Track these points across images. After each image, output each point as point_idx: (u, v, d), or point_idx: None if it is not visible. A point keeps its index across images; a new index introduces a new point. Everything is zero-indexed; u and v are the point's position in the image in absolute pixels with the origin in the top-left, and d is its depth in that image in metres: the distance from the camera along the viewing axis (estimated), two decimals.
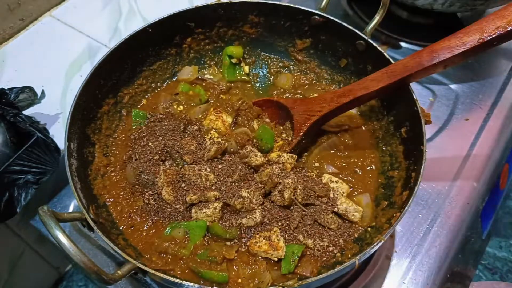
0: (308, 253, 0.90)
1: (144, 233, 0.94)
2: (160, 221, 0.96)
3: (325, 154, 1.08)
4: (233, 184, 0.96)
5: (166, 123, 1.06)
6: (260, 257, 0.89)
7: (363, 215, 0.94)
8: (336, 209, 0.93)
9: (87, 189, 0.95)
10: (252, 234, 0.92)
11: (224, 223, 0.94)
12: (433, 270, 1.02)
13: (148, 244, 0.92)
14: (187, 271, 0.88)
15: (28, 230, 1.33)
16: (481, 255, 1.32)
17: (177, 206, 0.96)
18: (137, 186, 1.00)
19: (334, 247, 0.91)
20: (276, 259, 0.88)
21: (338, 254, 0.90)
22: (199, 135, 1.05)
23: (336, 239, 0.92)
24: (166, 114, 1.10)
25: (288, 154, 1.01)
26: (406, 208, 0.83)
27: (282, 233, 0.91)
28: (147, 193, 0.98)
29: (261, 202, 0.94)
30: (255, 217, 0.92)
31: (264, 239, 0.88)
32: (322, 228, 0.92)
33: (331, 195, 0.95)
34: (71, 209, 1.13)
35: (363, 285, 1.01)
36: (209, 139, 1.01)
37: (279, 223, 0.92)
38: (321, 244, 0.90)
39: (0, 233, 1.28)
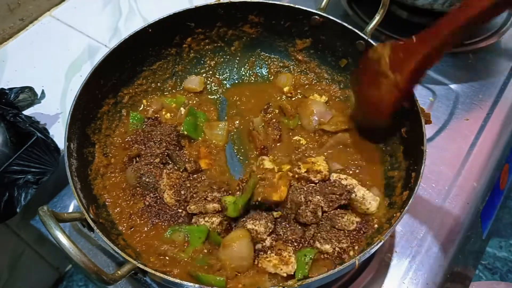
0: (322, 257, 0.89)
1: (144, 235, 0.94)
2: (161, 223, 0.95)
3: (328, 154, 1.07)
4: None
5: (162, 127, 1.07)
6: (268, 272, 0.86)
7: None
8: (353, 195, 0.91)
9: (87, 189, 0.95)
10: (259, 253, 0.89)
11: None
12: (433, 270, 1.02)
13: (147, 246, 0.92)
14: (184, 274, 0.87)
15: (28, 230, 1.33)
16: (481, 255, 1.32)
17: (179, 210, 0.96)
18: (138, 189, 1.00)
19: (352, 248, 0.88)
20: (285, 274, 0.84)
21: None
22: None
23: (355, 238, 0.90)
24: (157, 118, 1.12)
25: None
26: (406, 208, 0.83)
27: (295, 250, 0.89)
28: (148, 196, 0.98)
29: (271, 230, 0.90)
30: (264, 244, 0.89)
31: (275, 254, 0.86)
32: (338, 230, 0.90)
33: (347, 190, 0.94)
34: (71, 209, 1.13)
35: (363, 285, 1.01)
36: None
37: (294, 243, 0.90)
38: (340, 246, 0.88)
39: (0, 233, 1.28)
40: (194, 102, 1.20)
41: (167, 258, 0.90)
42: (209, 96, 1.23)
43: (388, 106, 0.94)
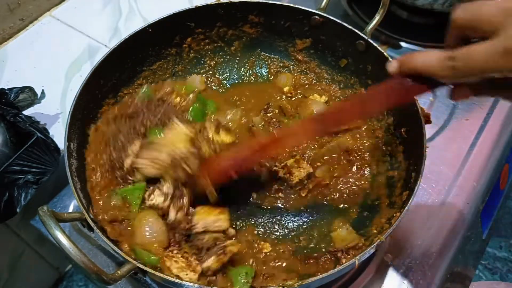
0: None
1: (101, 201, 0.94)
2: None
3: (326, 159, 1.07)
4: None
5: (168, 107, 1.07)
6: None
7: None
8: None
9: (87, 189, 0.95)
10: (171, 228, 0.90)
11: None
12: (433, 270, 1.02)
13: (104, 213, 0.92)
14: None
15: (28, 230, 1.33)
16: (481, 255, 1.32)
17: (131, 178, 0.96)
18: (109, 146, 0.99)
19: None
20: (188, 279, 0.82)
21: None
22: None
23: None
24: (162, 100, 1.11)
25: None
26: (406, 208, 0.83)
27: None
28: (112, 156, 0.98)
29: (170, 196, 0.92)
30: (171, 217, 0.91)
31: (181, 257, 0.86)
32: None
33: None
34: (71, 209, 1.13)
35: (363, 285, 1.01)
36: None
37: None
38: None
39: (0, 233, 1.28)
40: None
41: (120, 225, 0.90)
42: None
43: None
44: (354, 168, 1.05)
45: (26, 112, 1.25)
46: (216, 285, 0.84)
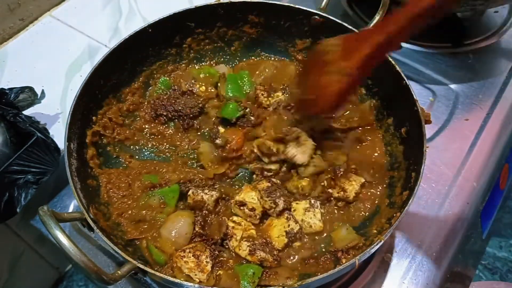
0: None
1: (122, 203, 0.97)
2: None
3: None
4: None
5: (188, 98, 1.12)
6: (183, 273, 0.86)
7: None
8: None
9: (87, 189, 0.95)
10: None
11: None
12: (433, 270, 1.02)
13: (122, 214, 0.96)
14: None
15: (28, 230, 1.33)
16: (481, 255, 1.32)
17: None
18: None
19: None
20: (197, 280, 0.84)
21: None
22: None
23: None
24: (189, 91, 1.15)
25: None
26: (406, 208, 0.83)
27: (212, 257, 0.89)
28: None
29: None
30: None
31: (193, 256, 0.86)
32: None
33: None
34: (71, 209, 1.13)
35: (363, 285, 1.01)
36: None
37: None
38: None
39: (0, 233, 1.28)
40: None
41: (145, 224, 0.94)
42: None
43: (333, 93, 0.86)
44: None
45: (26, 112, 1.25)
46: (222, 282, 0.86)
